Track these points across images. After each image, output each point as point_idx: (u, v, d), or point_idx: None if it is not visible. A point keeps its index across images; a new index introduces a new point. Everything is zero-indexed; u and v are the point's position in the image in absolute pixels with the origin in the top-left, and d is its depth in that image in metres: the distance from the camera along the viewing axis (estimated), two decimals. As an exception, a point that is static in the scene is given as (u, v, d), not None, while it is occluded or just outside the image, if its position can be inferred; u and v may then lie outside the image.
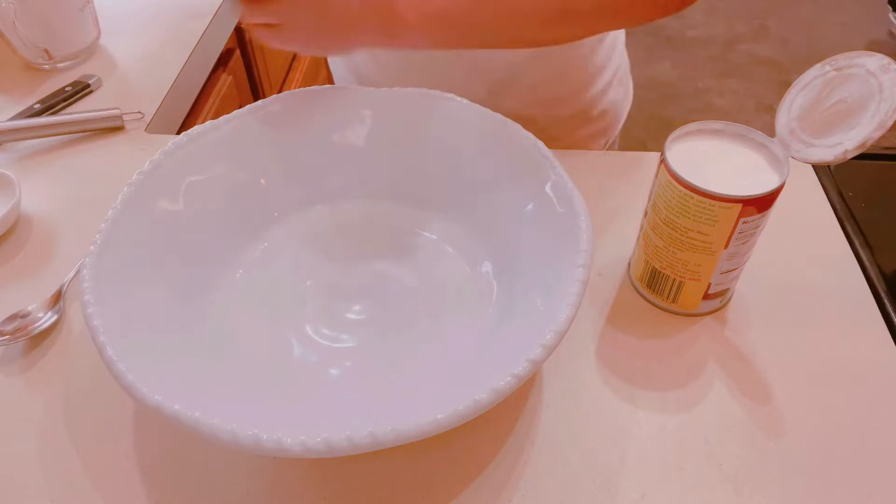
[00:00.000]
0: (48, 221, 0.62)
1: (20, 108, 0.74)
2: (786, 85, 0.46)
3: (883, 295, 0.54)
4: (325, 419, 0.44)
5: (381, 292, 0.48)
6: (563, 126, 0.73)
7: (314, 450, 0.36)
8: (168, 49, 0.85)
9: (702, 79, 2.28)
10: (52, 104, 0.74)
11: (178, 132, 0.78)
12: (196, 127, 0.54)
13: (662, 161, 0.46)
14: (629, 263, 0.56)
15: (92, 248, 0.45)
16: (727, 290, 0.52)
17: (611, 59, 0.72)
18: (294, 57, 1.37)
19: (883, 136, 0.42)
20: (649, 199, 0.50)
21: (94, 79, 0.77)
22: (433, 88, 0.56)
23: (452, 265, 0.52)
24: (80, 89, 0.76)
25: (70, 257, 0.58)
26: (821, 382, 0.48)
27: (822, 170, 0.65)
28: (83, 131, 0.71)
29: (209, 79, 0.94)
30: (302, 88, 0.59)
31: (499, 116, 0.54)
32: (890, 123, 0.41)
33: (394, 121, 0.57)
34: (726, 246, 0.47)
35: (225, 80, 1.01)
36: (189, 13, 0.92)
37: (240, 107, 0.56)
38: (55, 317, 0.53)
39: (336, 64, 0.78)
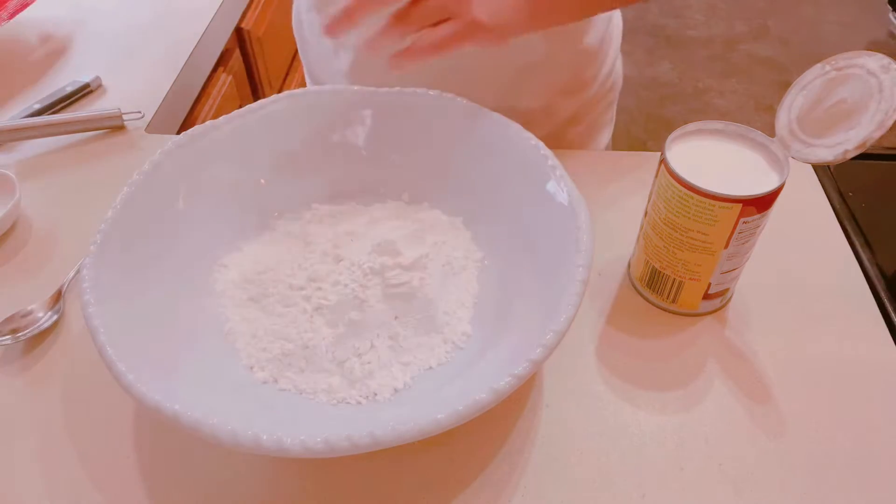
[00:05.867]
0: (48, 221, 0.62)
1: (20, 108, 0.74)
2: (786, 85, 0.46)
3: (883, 295, 0.54)
4: (325, 419, 0.44)
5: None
6: (585, 103, 0.74)
7: (314, 450, 0.36)
8: (168, 49, 0.85)
9: (702, 79, 2.28)
10: (52, 104, 0.74)
11: (178, 132, 0.79)
12: (196, 127, 0.54)
13: (662, 161, 0.46)
14: (629, 263, 0.56)
15: (92, 248, 0.45)
16: (727, 290, 0.52)
17: (613, 34, 0.74)
18: (294, 57, 1.37)
19: (883, 136, 0.42)
20: (649, 199, 0.50)
21: (94, 78, 0.77)
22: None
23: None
24: (80, 89, 0.76)
25: (70, 257, 0.58)
26: (821, 382, 0.48)
27: (822, 170, 0.65)
28: (83, 131, 0.71)
29: (209, 79, 0.94)
30: (302, 88, 0.59)
31: (499, 116, 0.54)
32: (890, 123, 0.41)
33: (394, 121, 0.57)
34: (726, 246, 0.47)
35: (225, 80, 1.01)
36: (189, 13, 0.92)
37: (240, 107, 0.56)
38: (55, 317, 0.53)
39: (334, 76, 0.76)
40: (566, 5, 0.54)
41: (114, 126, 0.71)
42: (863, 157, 0.44)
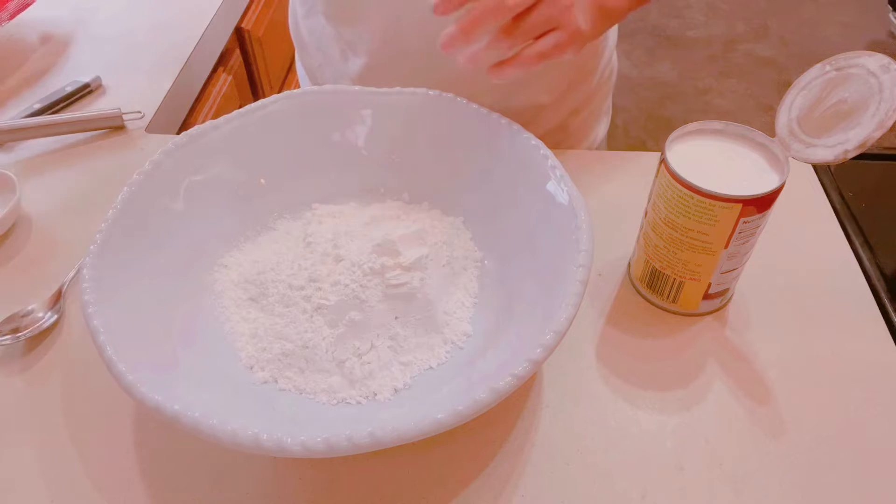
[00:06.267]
0: (48, 221, 0.62)
1: (20, 108, 0.74)
2: (786, 85, 0.46)
3: (883, 295, 0.54)
4: (326, 419, 0.44)
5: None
6: (586, 97, 0.75)
7: (314, 450, 0.36)
8: (168, 49, 0.85)
9: (702, 79, 2.28)
10: (52, 104, 0.74)
11: (178, 132, 0.79)
12: (196, 127, 0.54)
13: (662, 161, 0.46)
14: (629, 263, 0.56)
15: (92, 248, 0.45)
16: (727, 290, 0.52)
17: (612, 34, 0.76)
18: (294, 57, 1.37)
19: (883, 136, 0.42)
20: (649, 199, 0.50)
21: (94, 78, 0.77)
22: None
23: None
24: (80, 89, 0.76)
25: (70, 257, 0.58)
26: (821, 382, 0.48)
27: (822, 170, 0.65)
28: (83, 131, 0.71)
29: (209, 79, 0.94)
30: (302, 88, 0.59)
31: (499, 116, 0.54)
32: (890, 123, 0.41)
33: (394, 121, 0.57)
34: (726, 246, 0.47)
35: (225, 80, 1.01)
36: (189, 13, 0.92)
37: (240, 107, 0.56)
38: (55, 317, 0.53)
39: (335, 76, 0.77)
40: (624, 3, 0.56)
41: (114, 126, 0.71)
42: (863, 157, 0.44)
